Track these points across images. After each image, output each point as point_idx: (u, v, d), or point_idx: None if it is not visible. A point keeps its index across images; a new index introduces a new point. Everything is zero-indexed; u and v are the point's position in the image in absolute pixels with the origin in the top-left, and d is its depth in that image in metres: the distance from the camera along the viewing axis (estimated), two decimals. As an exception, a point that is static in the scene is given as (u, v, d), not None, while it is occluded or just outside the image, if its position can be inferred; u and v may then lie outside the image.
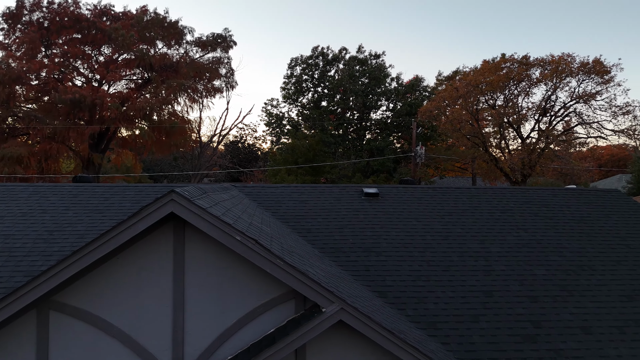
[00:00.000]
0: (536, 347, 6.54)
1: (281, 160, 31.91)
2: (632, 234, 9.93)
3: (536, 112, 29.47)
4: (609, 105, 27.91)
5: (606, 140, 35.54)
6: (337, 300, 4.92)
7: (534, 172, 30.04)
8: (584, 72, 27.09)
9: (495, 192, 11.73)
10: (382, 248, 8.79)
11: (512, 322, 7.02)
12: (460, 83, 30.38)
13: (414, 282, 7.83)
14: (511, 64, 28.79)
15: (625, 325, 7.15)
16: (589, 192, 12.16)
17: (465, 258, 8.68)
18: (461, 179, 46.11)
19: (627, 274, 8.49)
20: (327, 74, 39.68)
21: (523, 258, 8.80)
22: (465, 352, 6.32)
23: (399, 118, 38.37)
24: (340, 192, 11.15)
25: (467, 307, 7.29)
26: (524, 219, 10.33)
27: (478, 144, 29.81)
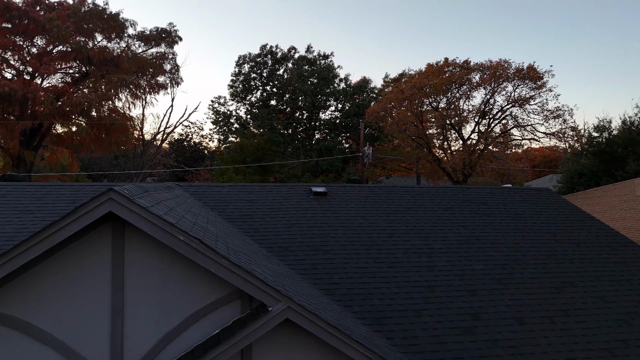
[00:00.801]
0: (475, 338, 6.84)
1: (229, 159, 31.39)
2: (561, 230, 10.64)
3: (476, 115, 30.89)
4: (542, 110, 29.77)
5: (539, 142, 37.82)
6: (284, 298, 4.91)
7: (474, 172, 31.47)
8: (519, 78, 28.73)
9: (437, 191, 12.16)
10: (329, 246, 8.87)
11: (452, 315, 7.31)
12: (405, 85, 31.28)
13: (360, 279, 7.96)
14: (453, 68, 30.01)
15: (555, 316, 7.64)
16: (523, 191, 12.90)
17: (409, 255, 8.93)
18: (406, 178, 47.45)
19: (556, 267, 9.08)
20: (276, 73, 39.52)
21: (463, 254, 9.18)
22: (408, 346, 6.51)
23: (348, 119, 38.92)
24: (289, 191, 11.14)
25: (411, 302, 7.51)
26: (464, 217, 10.79)
27: (422, 144, 30.81)
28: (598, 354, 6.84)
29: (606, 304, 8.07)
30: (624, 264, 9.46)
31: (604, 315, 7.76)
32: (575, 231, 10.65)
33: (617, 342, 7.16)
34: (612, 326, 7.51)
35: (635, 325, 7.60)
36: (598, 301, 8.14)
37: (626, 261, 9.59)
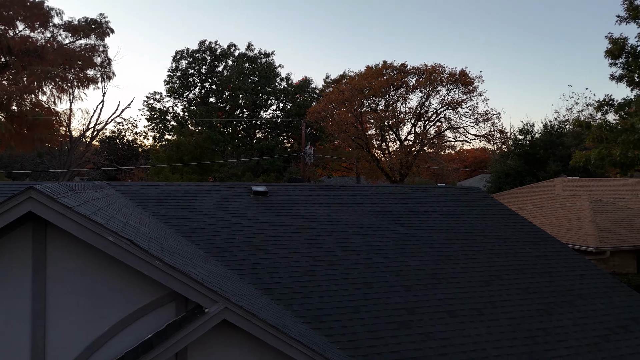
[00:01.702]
0: (410, 332, 7.08)
1: (165, 158, 30.24)
2: (489, 226, 11.27)
3: (412, 117, 32.01)
4: (472, 113, 31.42)
5: (470, 144, 39.91)
6: (221, 299, 4.80)
7: (410, 172, 32.60)
8: (452, 82, 30.14)
9: (376, 190, 12.46)
10: (269, 246, 8.80)
11: (389, 310, 7.51)
12: (346, 87, 31.77)
13: (300, 278, 7.97)
14: (391, 70, 30.90)
15: (483, 307, 8.07)
16: (455, 190, 13.54)
17: (348, 252, 9.07)
18: (347, 178, 48.24)
19: (485, 262, 9.60)
20: (215, 70, 38.66)
21: (400, 251, 9.47)
22: (347, 342, 6.60)
23: (289, 118, 38.89)
24: (228, 190, 10.92)
25: (350, 299, 7.63)
26: (400, 215, 11.13)
27: (362, 145, 31.45)
28: (522, 342, 7.31)
29: (529, 295, 8.65)
30: (545, 258, 10.20)
31: (527, 306, 8.31)
32: (502, 227, 11.33)
33: (538, 330, 7.69)
34: (534, 316, 8.06)
35: (555, 314, 8.21)
36: (522, 293, 8.70)
37: (546, 255, 10.34)
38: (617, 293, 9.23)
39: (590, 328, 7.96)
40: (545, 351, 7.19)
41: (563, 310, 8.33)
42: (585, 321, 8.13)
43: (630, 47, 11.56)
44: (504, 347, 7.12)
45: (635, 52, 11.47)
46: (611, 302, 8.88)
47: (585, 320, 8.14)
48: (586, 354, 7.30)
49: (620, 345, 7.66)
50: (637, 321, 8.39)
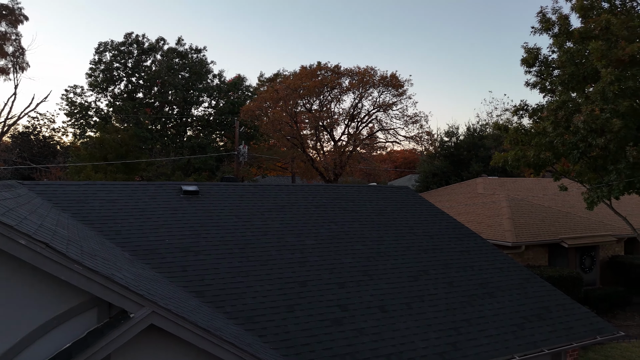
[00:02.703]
0: (343, 328, 7.19)
1: (87, 156, 28.33)
2: (418, 224, 11.75)
3: (346, 118, 32.58)
4: (402, 115, 32.58)
5: (400, 145, 41.42)
6: (148, 303, 4.57)
7: (344, 172, 33.17)
8: (384, 85, 31.06)
9: (310, 189, 12.53)
10: (201, 247, 8.55)
11: (323, 308, 7.58)
12: (280, 86, 31.66)
13: (233, 279, 7.81)
14: (325, 71, 31.24)
15: (412, 302, 8.39)
16: (386, 189, 13.97)
17: (283, 252, 9.04)
18: (282, 177, 48.12)
19: (413, 258, 9.99)
20: (143, 64, 36.89)
21: (333, 248, 9.60)
22: (280, 342, 6.58)
23: (222, 116, 38.03)
24: (156, 190, 10.46)
25: (284, 298, 7.60)
26: (334, 213, 11.29)
27: (297, 144, 31.51)
28: (447, 334, 7.69)
29: (453, 289, 9.13)
30: (467, 253, 10.81)
31: (451, 299, 8.76)
32: (429, 225, 11.86)
33: (462, 321, 8.13)
34: (458, 307, 8.52)
35: (476, 305, 8.73)
36: (447, 286, 9.16)
37: (469, 250, 10.97)
38: (531, 284, 10.00)
39: (508, 317, 8.55)
40: (468, 341, 7.61)
41: (484, 302, 8.88)
42: (504, 311, 8.72)
43: (543, 56, 12.57)
44: (431, 338, 7.45)
45: (547, 61, 12.49)
46: (526, 292, 9.60)
47: (503, 310, 8.73)
48: (504, 341, 7.82)
49: (534, 332, 8.30)
50: (549, 310, 9.14)
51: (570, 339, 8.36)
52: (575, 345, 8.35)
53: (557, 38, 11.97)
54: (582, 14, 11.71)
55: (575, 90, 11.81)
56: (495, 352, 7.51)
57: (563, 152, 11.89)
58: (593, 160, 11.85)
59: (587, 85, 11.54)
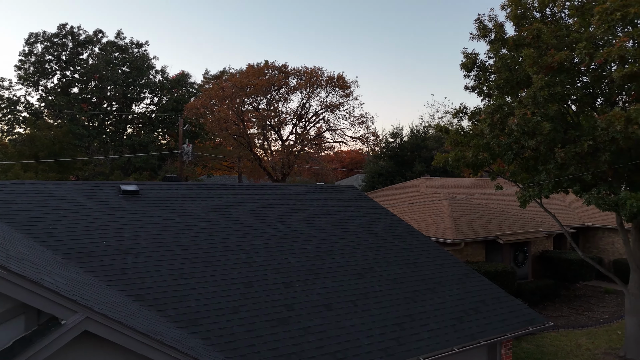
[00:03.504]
0: (289, 328, 7.17)
1: (15, 153, 26.39)
2: (363, 222, 11.94)
3: (294, 117, 32.57)
4: (349, 116, 33.03)
5: (347, 145, 42.06)
6: (82, 309, 4.32)
7: (292, 172, 33.13)
8: (331, 85, 31.34)
9: (257, 189, 12.40)
10: (141, 249, 8.21)
11: (269, 308, 7.52)
12: (226, 83, 31.10)
13: (175, 281, 7.57)
14: (273, 70, 31.05)
15: (357, 299, 8.52)
16: (333, 189, 14.09)
17: (228, 252, 8.88)
18: (228, 177, 47.29)
19: (359, 256, 10.15)
20: (79, 57, 34.92)
21: (280, 248, 9.55)
22: (225, 344, 6.44)
23: (165, 113, 36.78)
24: (93, 189, 9.93)
25: (229, 300, 7.46)
26: (281, 213, 11.23)
27: (243, 144, 31.09)
28: (391, 329, 7.87)
29: (397, 285, 9.36)
30: (411, 250, 11.13)
31: (395, 295, 8.98)
32: (375, 223, 12.10)
33: (405, 317, 8.35)
34: (402, 304, 8.74)
35: (419, 301, 9.00)
36: (391, 283, 9.38)
37: (412, 247, 11.30)
38: (470, 279, 10.46)
39: (448, 312, 8.88)
40: (410, 335, 7.83)
41: (426, 297, 9.18)
42: (444, 306, 9.05)
43: (480, 62, 13.18)
44: (375, 335, 7.60)
45: (484, 66, 13.11)
46: (465, 287, 10.02)
47: (443, 305, 9.06)
48: (444, 335, 8.12)
49: (472, 325, 8.68)
50: (485, 303, 9.60)
51: (504, 330, 8.82)
52: (510, 336, 8.82)
53: (493, 45, 12.59)
54: (516, 22, 12.40)
55: (509, 94, 12.48)
56: (436, 345, 7.77)
57: (499, 153, 12.52)
58: (525, 161, 12.56)
59: (520, 90, 12.23)
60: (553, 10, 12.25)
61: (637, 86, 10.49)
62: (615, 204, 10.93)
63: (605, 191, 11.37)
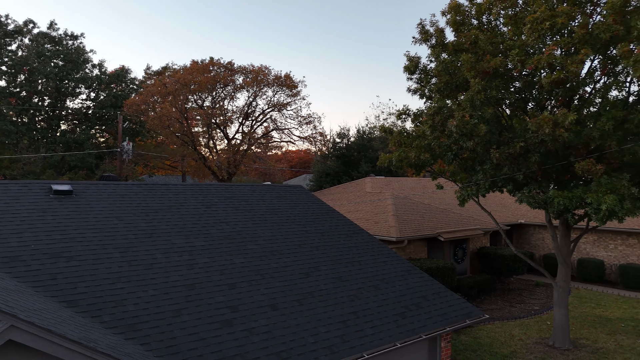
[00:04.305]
0: (233, 329, 7.04)
1: None
2: (310, 222, 11.98)
3: (240, 116, 32.11)
4: (296, 115, 33.05)
5: (295, 145, 42.03)
6: (5, 316, 4.01)
7: (238, 171, 32.65)
8: (278, 85, 31.20)
9: (201, 189, 12.09)
10: (74, 252, 7.76)
11: (212, 310, 7.35)
12: (169, 80, 30.11)
13: (112, 285, 7.22)
14: (218, 67, 30.43)
15: (303, 298, 8.53)
16: (280, 188, 14.03)
17: (169, 254, 8.59)
18: (171, 177, 45.84)
19: (305, 255, 10.17)
20: (7, 48, 32.50)
21: (224, 249, 9.37)
22: (165, 348, 6.23)
23: (103, 109, 35.02)
24: (20, 189, 9.27)
25: (170, 303, 7.22)
26: (227, 213, 11.03)
27: (187, 142, 30.25)
28: (335, 327, 7.94)
29: (342, 283, 9.47)
30: (356, 248, 11.30)
31: (340, 293, 9.08)
32: (321, 222, 12.17)
33: (350, 314, 8.46)
34: (346, 301, 8.85)
35: (363, 298, 9.15)
36: (337, 281, 9.47)
37: (357, 245, 11.47)
38: (412, 276, 10.78)
39: (391, 308, 9.10)
40: (354, 332, 7.95)
41: (370, 294, 9.35)
42: (387, 302, 9.26)
43: (422, 65, 13.61)
44: (320, 333, 7.64)
45: (426, 69, 13.56)
46: (407, 283, 10.31)
47: (387, 302, 9.28)
48: (387, 330, 8.31)
49: (413, 320, 8.94)
50: (427, 298, 9.93)
51: (444, 324, 9.16)
52: (449, 330, 9.18)
53: (434, 49, 13.05)
54: (455, 28, 12.92)
55: (449, 97, 12.99)
56: (380, 341, 7.94)
57: (439, 154, 13.00)
58: (464, 161, 13.13)
59: (459, 93, 12.77)
60: (489, 18, 12.88)
61: (564, 92, 11.26)
62: (544, 202, 11.67)
63: (535, 190, 12.12)
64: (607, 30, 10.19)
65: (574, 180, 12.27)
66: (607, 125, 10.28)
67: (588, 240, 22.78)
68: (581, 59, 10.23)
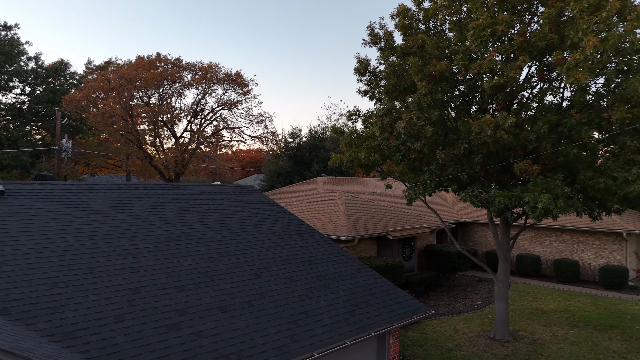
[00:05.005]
0: (180, 333, 6.85)
1: None
2: (261, 222, 11.87)
3: (188, 114, 31.31)
4: (247, 114, 32.69)
5: (245, 144, 41.55)
6: None
7: (187, 171, 31.82)
8: (228, 83, 30.71)
9: (146, 189, 11.68)
10: (6, 256, 7.25)
11: (158, 314, 7.11)
12: (113, 75, 28.86)
13: (48, 291, 6.81)
14: (165, 64, 29.52)
15: (253, 299, 8.43)
16: (230, 188, 13.81)
17: (112, 257, 8.23)
18: (115, 176, 43.95)
19: (256, 256, 10.06)
20: None
21: (171, 251, 9.09)
22: (107, 356, 5.95)
23: (39, 105, 32.99)
24: (-56, 189, 8.55)
25: (112, 308, 6.91)
26: (174, 214, 10.71)
27: (132, 140, 29.13)
28: (286, 327, 7.92)
29: (293, 283, 9.45)
30: (307, 248, 11.33)
31: (291, 293, 9.06)
32: (272, 222, 12.10)
33: (300, 314, 8.47)
34: (297, 301, 8.85)
35: (314, 298, 9.19)
36: (287, 281, 9.45)
37: (308, 245, 11.50)
38: (362, 274, 10.94)
39: (341, 306, 9.20)
40: (305, 332, 7.96)
41: (320, 293, 9.40)
42: (337, 301, 9.35)
43: (372, 67, 13.86)
44: (270, 334, 7.59)
45: (375, 72, 13.81)
46: (357, 282, 10.46)
47: (337, 300, 9.36)
48: (337, 329, 8.39)
49: (363, 317, 9.08)
50: (376, 296, 10.11)
51: (392, 320, 9.37)
52: (397, 326, 9.40)
53: (384, 52, 13.32)
54: (403, 32, 13.25)
55: (397, 99, 13.30)
56: (330, 339, 8.00)
57: (388, 154, 13.30)
58: (412, 161, 13.51)
59: (407, 95, 13.11)
60: (436, 23, 13.32)
61: (504, 96, 11.84)
62: (486, 201, 12.22)
63: (478, 190, 12.66)
64: (543, 38, 10.82)
65: (513, 180, 12.93)
66: (542, 129, 10.90)
67: (526, 237, 24.10)
68: (519, 65, 10.80)
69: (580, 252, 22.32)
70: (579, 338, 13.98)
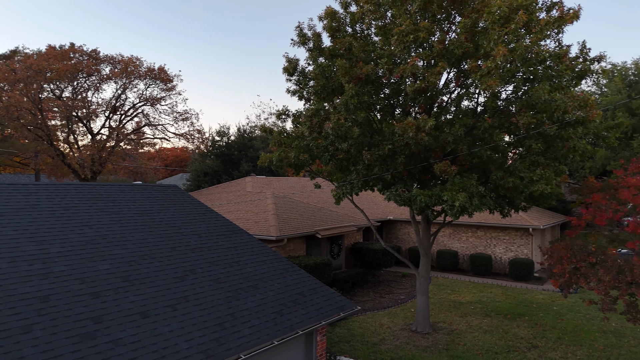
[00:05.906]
0: (95, 342, 6.42)
1: None
2: (185, 223, 11.47)
3: (107, 109, 29.48)
4: (172, 111, 31.44)
5: (170, 142, 39.92)
6: None
7: (105, 170, 29.92)
8: (151, 77, 29.34)
9: (58, 189, 10.83)
10: None
11: (70, 323, 6.61)
12: (20, 65, 26.41)
13: (-61, 304, 6.08)
14: (80, 55, 27.56)
15: (177, 303, 8.12)
16: (152, 188, 13.19)
17: (17, 263, 7.53)
18: (22, 175, 40.26)
19: (180, 258, 9.71)
20: None
21: (86, 255, 8.51)
22: (11, 372, 5.43)
23: None
24: None
25: (18, 319, 6.32)
26: (89, 216, 10.03)
27: (42, 136, 26.85)
28: (212, 330, 7.72)
29: (220, 285, 9.24)
30: (235, 249, 11.12)
31: (217, 295, 8.85)
32: (198, 223, 11.73)
33: (227, 316, 8.29)
34: (224, 303, 8.66)
35: (241, 299, 9.04)
36: (213, 283, 9.21)
37: (236, 246, 11.30)
38: (290, 273, 10.96)
39: (269, 306, 9.14)
40: (232, 334, 7.81)
41: (248, 295, 9.28)
42: (265, 301, 9.29)
43: (301, 67, 13.93)
44: (195, 338, 7.36)
45: (304, 72, 13.90)
46: (285, 281, 10.45)
47: (265, 301, 9.30)
48: (265, 329, 8.33)
49: (291, 317, 9.09)
50: (304, 294, 10.17)
51: (320, 318, 9.48)
52: (324, 324, 9.52)
53: (312, 52, 13.45)
54: (331, 34, 13.47)
55: (326, 100, 13.50)
56: (257, 340, 7.92)
57: (317, 154, 13.45)
58: (340, 161, 13.77)
59: (335, 96, 13.35)
60: (362, 27, 13.68)
61: (425, 99, 12.44)
62: (408, 200, 12.77)
63: (401, 189, 13.19)
64: (460, 46, 11.51)
65: (434, 180, 13.63)
66: (459, 131, 11.60)
67: (445, 234, 25.53)
68: (439, 70, 11.41)
69: (493, 247, 24.05)
70: (491, 327, 15.07)
